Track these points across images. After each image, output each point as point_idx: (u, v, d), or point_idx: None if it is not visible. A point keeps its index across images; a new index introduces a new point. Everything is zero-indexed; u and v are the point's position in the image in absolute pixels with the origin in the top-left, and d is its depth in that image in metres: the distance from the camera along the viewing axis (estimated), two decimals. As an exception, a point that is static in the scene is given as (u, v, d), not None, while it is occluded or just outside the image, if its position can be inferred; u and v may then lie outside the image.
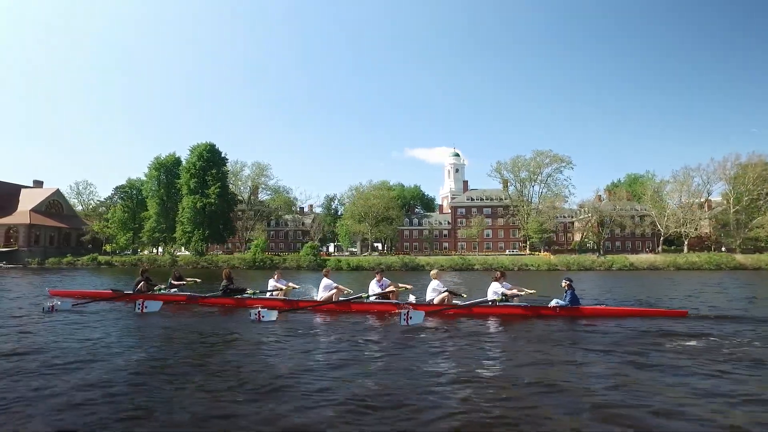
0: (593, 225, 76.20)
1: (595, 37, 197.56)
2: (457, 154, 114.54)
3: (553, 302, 10.30)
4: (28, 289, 19.26)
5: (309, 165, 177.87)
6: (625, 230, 76.69)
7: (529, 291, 10.45)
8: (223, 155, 66.40)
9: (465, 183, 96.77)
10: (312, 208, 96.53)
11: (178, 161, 68.40)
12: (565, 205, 77.52)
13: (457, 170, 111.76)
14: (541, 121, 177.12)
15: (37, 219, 70.10)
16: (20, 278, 29.10)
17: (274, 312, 9.69)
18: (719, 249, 67.70)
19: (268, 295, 12.13)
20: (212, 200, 61.95)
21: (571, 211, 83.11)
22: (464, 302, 10.73)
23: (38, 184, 78.91)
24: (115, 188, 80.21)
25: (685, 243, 67.80)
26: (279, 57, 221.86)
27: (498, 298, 10.08)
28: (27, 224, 68.22)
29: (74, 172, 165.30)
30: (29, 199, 73.59)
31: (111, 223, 71.25)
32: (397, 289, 11.23)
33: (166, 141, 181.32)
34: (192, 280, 14.04)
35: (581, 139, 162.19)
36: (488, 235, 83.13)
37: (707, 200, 73.15)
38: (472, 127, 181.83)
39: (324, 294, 11.43)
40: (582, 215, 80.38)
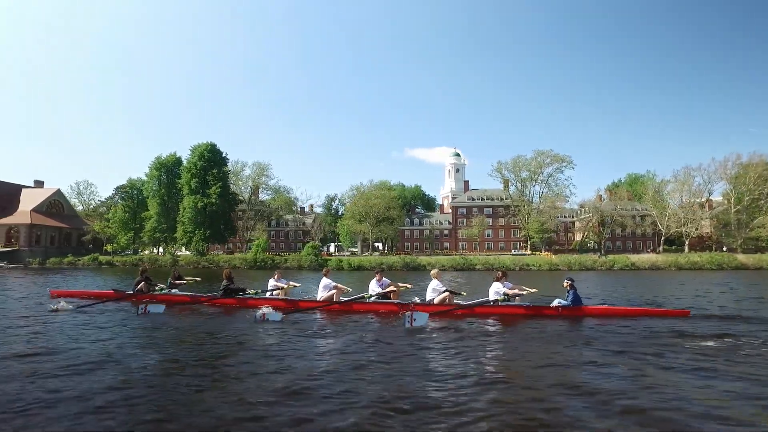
0: (594, 225, 76.21)
1: (595, 37, 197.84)
2: (457, 154, 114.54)
3: (556, 302, 10.29)
4: (33, 289, 19.18)
5: (309, 165, 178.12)
6: (625, 230, 76.77)
7: (530, 290, 10.48)
8: (224, 155, 66.43)
9: (466, 183, 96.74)
10: (312, 208, 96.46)
11: (179, 161, 68.41)
12: (565, 204, 77.52)
13: (458, 170, 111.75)
14: (541, 121, 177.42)
15: (38, 219, 70.00)
16: (23, 278, 29.01)
17: (279, 313, 9.65)
18: (720, 249, 67.71)
19: (268, 294, 12.09)
20: (213, 200, 61.92)
21: (572, 210, 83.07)
22: (466, 302, 10.73)
23: (39, 184, 78.75)
24: (116, 188, 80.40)
25: (686, 243, 67.80)
26: (279, 57, 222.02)
27: (500, 298, 10.07)
28: (28, 224, 68.14)
29: (74, 172, 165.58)
30: (30, 199, 73.49)
31: (112, 223, 71.20)
32: (397, 289, 11.22)
33: (166, 141, 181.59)
34: (191, 279, 14.01)
35: (581, 139, 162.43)
36: (489, 235, 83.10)
37: (708, 200, 73.14)
38: (472, 127, 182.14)
39: (324, 293, 11.42)
40: (583, 215, 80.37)
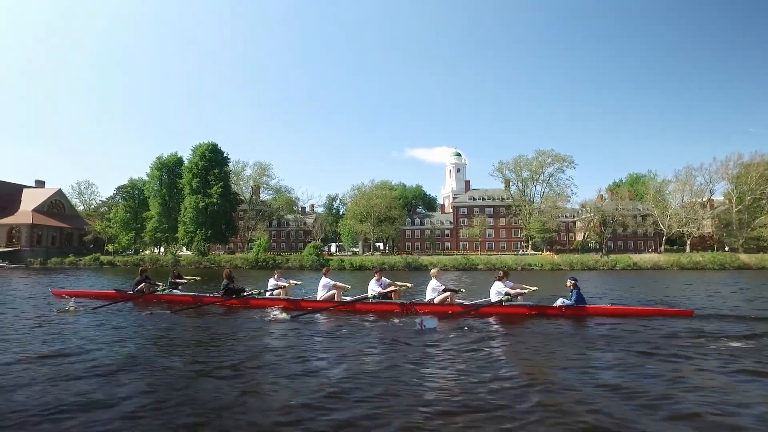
0: (596, 224, 76.18)
1: (595, 37, 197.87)
2: (458, 154, 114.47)
3: (559, 302, 10.27)
4: (37, 289, 19.06)
5: (309, 165, 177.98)
6: (627, 230, 76.76)
7: (531, 288, 10.52)
8: (225, 155, 66.27)
9: (467, 183, 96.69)
10: (314, 208, 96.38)
11: (180, 161, 68.25)
12: (567, 204, 77.44)
13: (459, 170, 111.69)
14: (541, 121, 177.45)
15: (39, 219, 69.75)
16: (26, 278, 28.87)
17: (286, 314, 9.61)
18: (722, 248, 67.72)
19: (269, 294, 12.02)
20: (214, 200, 61.74)
21: (573, 210, 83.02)
22: (471, 302, 10.78)
23: (40, 184, 78.47)
24: (117, 188, 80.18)
25: (688, 243, 67.80)
26: (279, 57, 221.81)
27: (504, 298, 10.05)
28: (29, 224, 67.88)
29: (75, 172, 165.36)
30: (31, 199, 73.22)
31: (113, 223, 71.04)
32: (398, 288, 11.21)
33: (167, 141, 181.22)
34: (191, 279, 13.96)
35: (582, 139, 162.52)
36: (490, 234, 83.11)
37: (710, 200, 73.05)
38: (472, 127, 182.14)
39: (324, 292, 11.41)
40: (584, 215, 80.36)
